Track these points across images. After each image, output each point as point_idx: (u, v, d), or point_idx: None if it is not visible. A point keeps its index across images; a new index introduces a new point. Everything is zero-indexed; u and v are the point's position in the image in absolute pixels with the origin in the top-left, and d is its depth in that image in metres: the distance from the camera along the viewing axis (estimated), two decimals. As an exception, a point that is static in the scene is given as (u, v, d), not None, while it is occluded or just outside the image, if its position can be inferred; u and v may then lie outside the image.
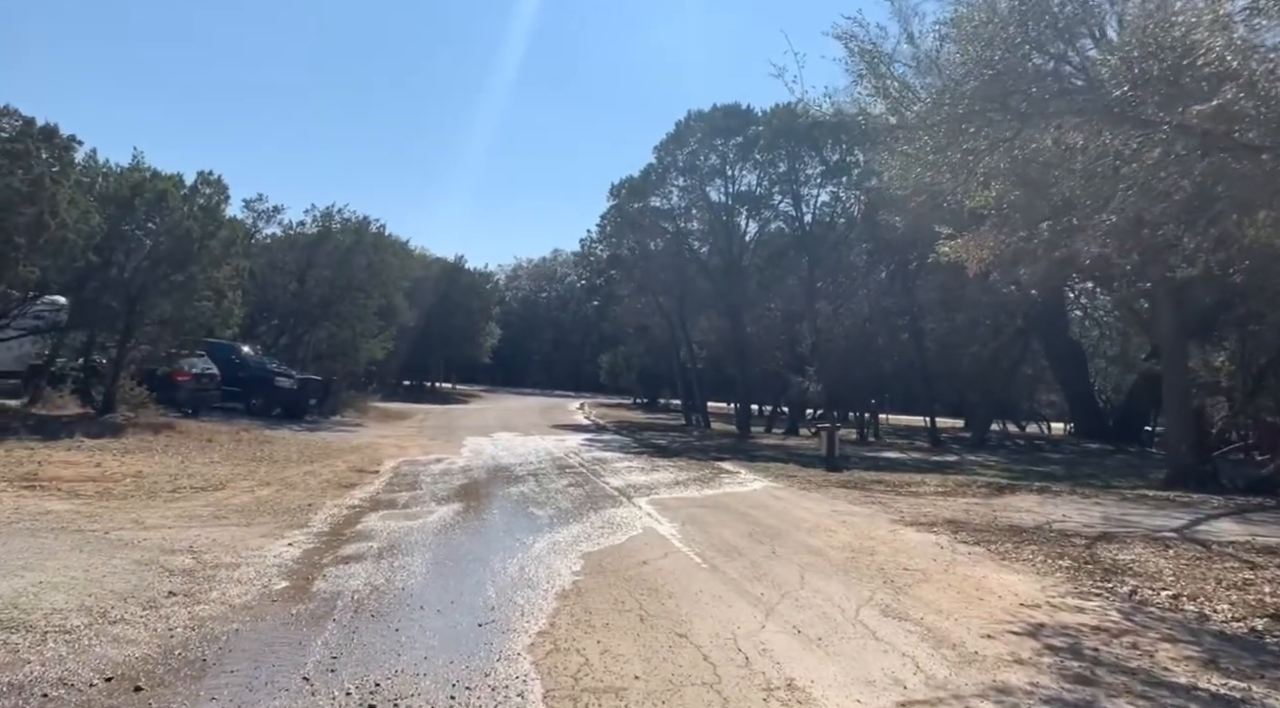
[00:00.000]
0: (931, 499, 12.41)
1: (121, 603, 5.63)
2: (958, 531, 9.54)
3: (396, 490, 11.96)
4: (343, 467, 14.61)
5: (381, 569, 6.91)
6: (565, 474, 14.62)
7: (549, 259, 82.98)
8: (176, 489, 11.00)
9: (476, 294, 53.46)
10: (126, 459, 12.93)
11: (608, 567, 7.25)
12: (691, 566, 7.38)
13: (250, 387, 24.38)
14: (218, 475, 12.33)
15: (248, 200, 28.84)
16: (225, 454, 14.73)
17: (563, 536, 8.67)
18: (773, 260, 28.74)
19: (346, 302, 29.91)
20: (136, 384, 18.72)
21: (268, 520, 9.14)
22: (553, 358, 79.08)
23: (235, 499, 10.48)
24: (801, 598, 6.34)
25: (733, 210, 28.61)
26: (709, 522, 9.74)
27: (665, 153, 28.58)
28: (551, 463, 16.51)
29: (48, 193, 13.74)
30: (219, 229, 18.93)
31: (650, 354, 43.43)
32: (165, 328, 18.48)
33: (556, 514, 10.11)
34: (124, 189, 17.71)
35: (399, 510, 10.18)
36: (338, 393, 28.24)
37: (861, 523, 10.03)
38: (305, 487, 11.92)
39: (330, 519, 9.39)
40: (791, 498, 12.18)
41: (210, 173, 19.38)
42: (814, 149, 26.76)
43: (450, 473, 14.31)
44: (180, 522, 8.81)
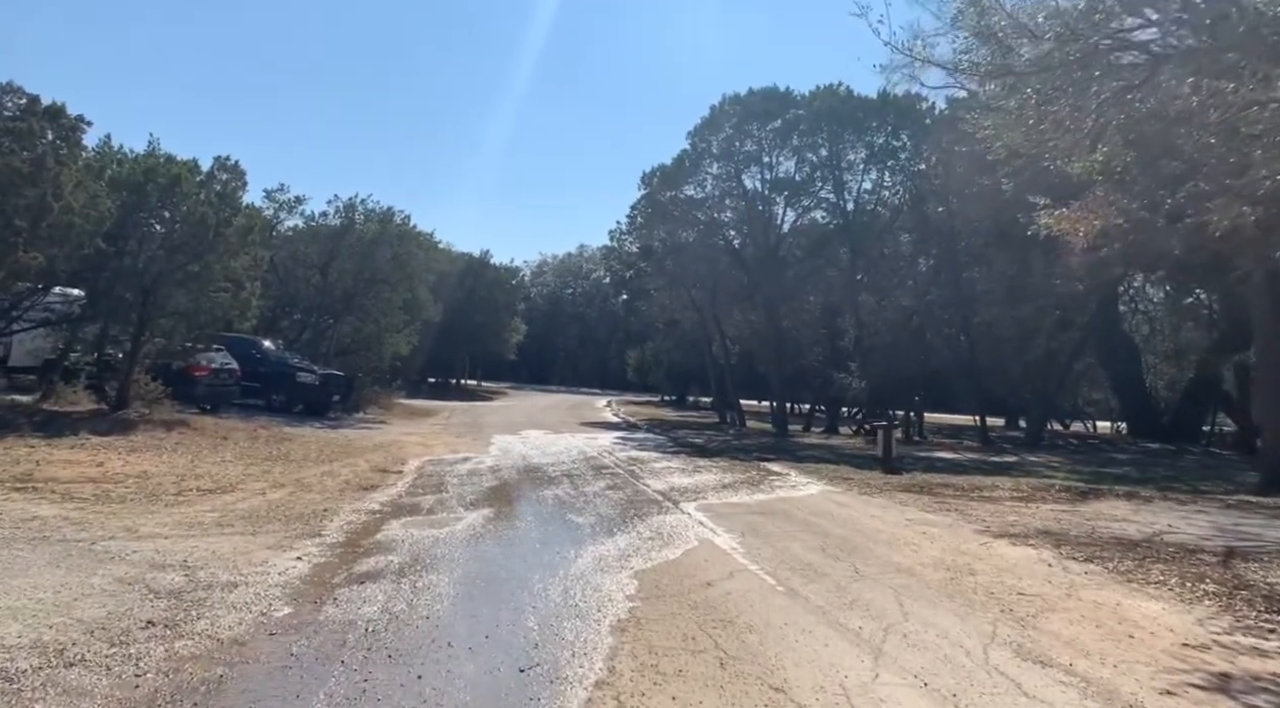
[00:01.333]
0: (1011, 506, 11.19)
1: (87, 637, 4.61)
2: (1059, 544, 8.34)
3: (420, 493, 10.95)
4: (364, 466, 13.64)
5: (402, 592, 5.86)
6: (601, 476, 13.54)
7: (574, 255, 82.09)
8: (181, 492, 10.06)
9: (502, 289, 52.55)
10: (132, 458, 12.02)
11: (667, 589, 6.15)
12: (765, 589, 6.26)
13: (271, 382, 23.58)
14: (228, 476, 11.39)
15: (268, 191, 28.07)
16: (239, 453, 13.80)
17: (609, 549, 7.58)
18: (812, 251, 27.47)
19: (370, 295, 29.06)
20: (151, 379, 17.89)
21: (277, 529, 8.14)
22: (578, 355, 78.16)
23: (244, 503, 9.51)
24: (910, 633, 5.20)
25: (769, 198, 27.37)
26: (771, 533, 8.61)
27: (699, 139, 27.39)
28: (585, 463, 15.45)
29: (51, 174, 12.86)
30: (235, 216, 18.03)
31: (679, 350, 42.26)
32: (180, 320, 17.61)
33: (598, 522, 9.03)
34: (136, 174, 16.85)
35: (423, 517, 9.15)
36: (361, 389, 27.36)
37: (944, 535, 8.85)
38: (322, 489, 10.95)
39: (347, 527, 8.38)
40: (855, 504, 11.01)
41: (227, 158, 18.52)
42: (858, 132, 25.47)
43: (478, 474, 13.29)
44: (179, 530, 7.83)
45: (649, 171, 28.93)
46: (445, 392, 46.64)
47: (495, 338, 52.75)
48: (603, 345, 76.94)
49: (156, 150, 18.70)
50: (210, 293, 17.68)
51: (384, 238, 28.93)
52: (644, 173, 29.14)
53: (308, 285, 29.07)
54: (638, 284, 35.62)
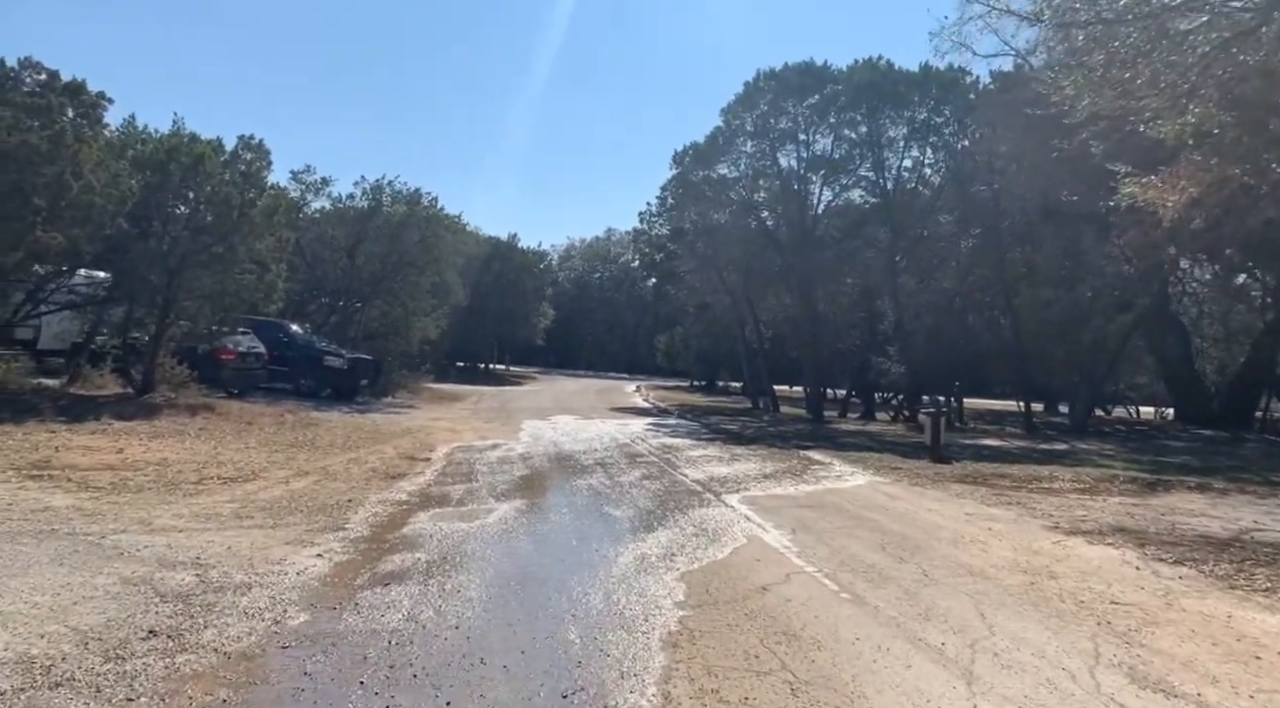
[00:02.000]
0: (1076, 498, 10.47)
1: (80, 650, 4.14)
2: (1141, 543, 7.64)
3: (450, 482, 10.47)
4: (391, 453, 13.21)
5: (430, 595, 5.34)
6: (636, 464, 12.99)
7: (602, 239, 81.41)
8: (202, 480, 9.65)
9: (529, 273, 52.11)
10: (153, 444, 11.67)
11: (719, 595, 5.58)
12: (827, 595, 5.66)
13: (299, 366, 23.29)
14: (251, 464, 10.98)
15: (295, 172, 27.78)
16: (264, 439, 13.43)
17: (650, 546, 7.02)
18: (849, 231, 26.56)
19: (398, 278, 28.67)
20: (177, 363, 17.62)
21: (298, 521, 7.68)
22: (606, 339, 77.65)
23: (265, 493, 9.07)
24: (1001, 651, 4.59)
25: (805, 177, 26.49)
26: (824, 529, 8.00)
27: (732, 116, 26.53)
28: (618, 451, 14.91)
29: (70, 151, 12.49)
30: (260, 196, 17.64)
31: (710, 335, 41.53)
32: (205, 303, 17.28)
33: (637, 516, 8.47)
34: (159, 153, 16.49)
35: (452, 508, 8.65)
36: (389, 373, 27.04)
37: (1011, 531, 8.18)
38: (347, 477, 10.51)
39: (372, 519, 7.90)
40: (908, 497, 10.35)
41: (251, 137, 18.12)
42: (899, 107, 24.50)
43: (509, 462, 12.80)
44: (195, 523, 7.39)
45: (680, 150, 28.22)
46: (473, 376, 46.39)
47: (523, 322, 52.39)
48: (630, 330, 76.39)
49: (181, 130, 18.38)
50: (235, 275, 17.35)
51: (411, 220, 28.49)
52: (675, 152, 28.43)
53: (335, 269, 28.75)
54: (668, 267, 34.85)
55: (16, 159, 11.87)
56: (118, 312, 17.88)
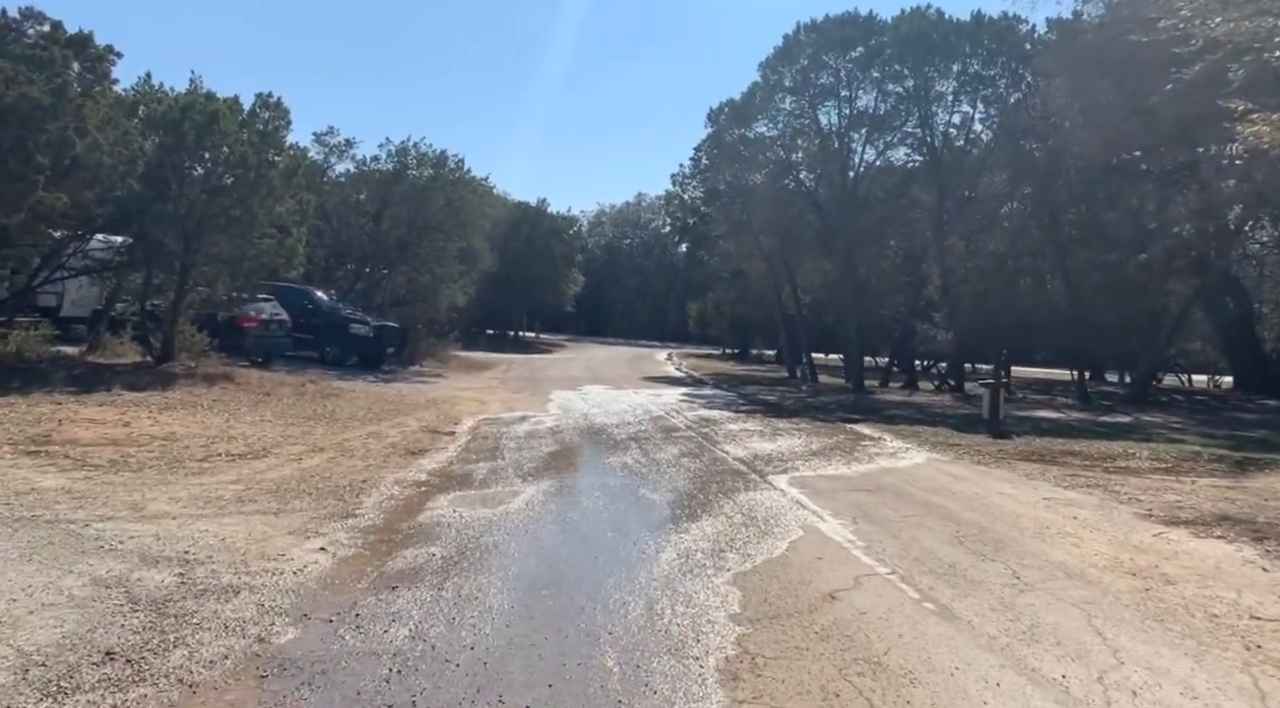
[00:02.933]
0: (1160, 480, 9.49)
1: (15, 681, 3.42)
2: (1259, 536, 6.67)
3: (473, 460, 9.74)
4: (414, 426, 12.54)
5: (442, 604, 4.58)
6: (673, 440, 12.18)
7: (632, 204, 80.00)
8: (208, 457, 9.00)
9: (559, 239, 51.16)
10: (163, 417, 11.06)
11: (781, 605, 4.75)
12: (908, 605, 4.81)
13: (323, 334, 22.74)
14: (264, 438, 10.34)
15: (318, 133, 26.98)
16: (281, 411, 12.81)
17: (695, 538, 6.21)
18: (894, 192, 25.26)
19: (424, 244, 27.95)
20: (197, 331, 17.06)
21: (305, 506, 6.98)
22: (636, 306, 76.64)
23: (274, 472, 8.40)
24: (1140, 688, 3.72)
25: (847, 135, 25.20)
26: (888, 517, 7.14)
27: (771, 71, 25.19)
28: (653, 424, 14.11)
29: (73, 106, 11.78)
30: (279, 157, 16.90)
31: (744, 301, 40.43)
32: (224, 268, 16.65)
33: (676, 501, 7.66)
34: (173, 112, 15.75)
35: (475, 491, 7.91)
36: (416, 341, 26.44)
37: (1101, 521, 7.26)
38: (365, 453, 9.82)
39: (386, 504, 7.18)
40: (973, 477, 9.44)
41: (269, 95, 17.32)
42: (949, 59, 23.03)
43: (537, 436, 12.06)
44: (192, 507, 6.71)
45: (716, 108, 26.98)
46: (502, 344, 45.84)
47: (553, 289, 51.58)
48: (661, 297, 75.34)
49: (198, 89, 17.63)
50: (254, 239, 16.68)
51: (438, 183, 27.67)
52: (711, 109, 27.18)
53: (361, 234, 28.08)
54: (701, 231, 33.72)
55: (17, 114, 11.19)
56: (136, 278, 17.33)
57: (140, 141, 14.33)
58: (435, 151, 27.48)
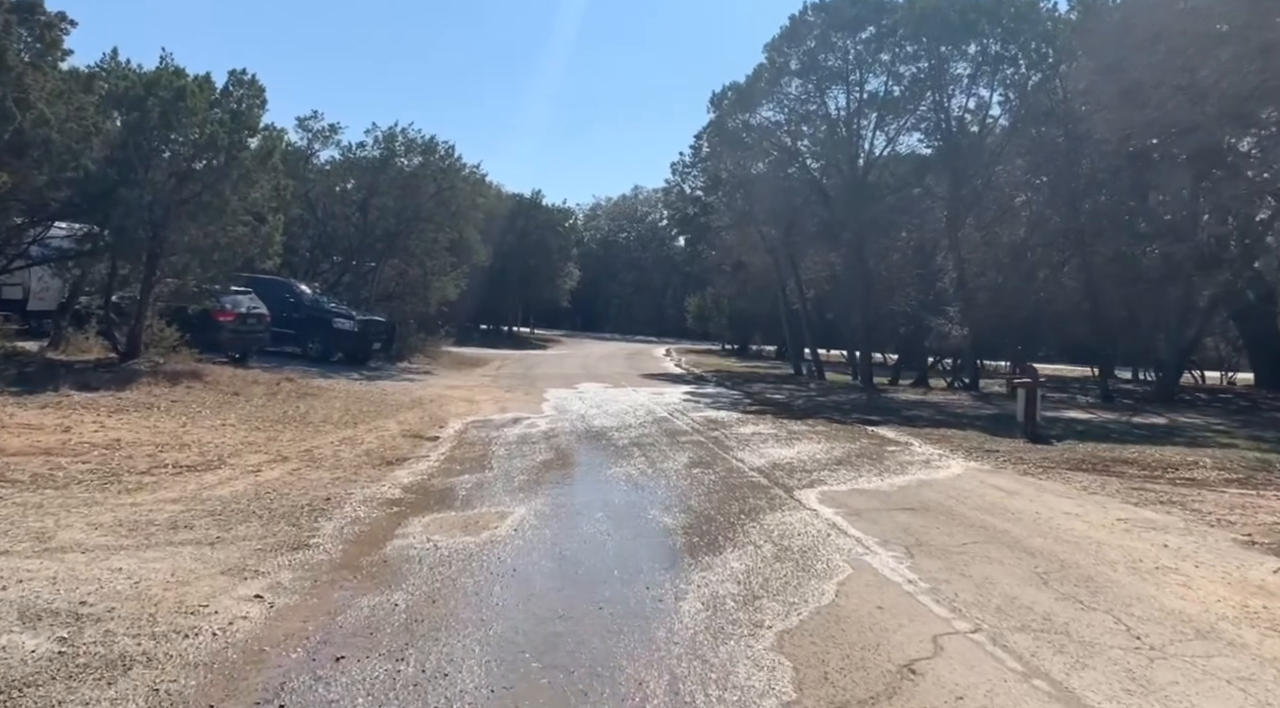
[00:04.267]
0: (1239, 495, 8.36)
1: None
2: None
3: (457, 471, 8.60)
4: (394, 430, 11.39)
5: (399, 688, 3.43)
6: (680, 445, 11.04)
7: (629, 196, 78.77)
8: (152, 469, 7.85)
9: (554, 232, 49.89)
10: (111, 421, 9.89)
11: (847, 685, 3.61)
12: (1012, 681, 3.67)
13: (306, 329, 21.59)
14: (222, 445, 9.18)
15: (301, 118, 25.68)
16: (248, 413, 11.64)
17: (720, 578, 5.07)
18: (906, 180, 24.13)
19: (414, 235, 26.71)
20: (166, 325, 15.90)
21: (251, 532, 5.83)
22: (632, 301, 75.45)
23: (225, 488, 7.24)
24: None
25: (854, 121, 24.00)
26: (946, 546, 6.00)
27: (776, 53, 23.97)
28: (656, 427, 12.97)
29: (13, 74, 10.56)
30: (253, 137, 15.73)
31: (745, 296, 39.28)
32: (194, 257, 15.46)
33: (693, 524, 6.51)
34: (137, 88, 14.55)
35: (455, 512, 6.76)
36: (405, 336, 25.26)
37: (1196, 549, 6.13)
38: (334, 464, 8.67)
39: (348, 530, 6.04)
40: (1026, 492, 8.31)
41: (243, 72, 16.12)
42: (967, 38, 21.82)
43: (529, 441, 10.92)
44: (112, 536, 5.56)
45: (719, 92, 25.75)
46: (496, 339, 44.68)
47: (548, 283, 50.34)
48: (658, 292, 74.18)
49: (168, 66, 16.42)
50: (227, 226, 15.52)
51: (427, 171, 26.43)
52: (713, 93, 25.96)
53: (347, 224, 26.84)
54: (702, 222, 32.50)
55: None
56: (101, 269, 16.15)
57: (97, 118, 13.14)
58: (424, 137, 26.26)
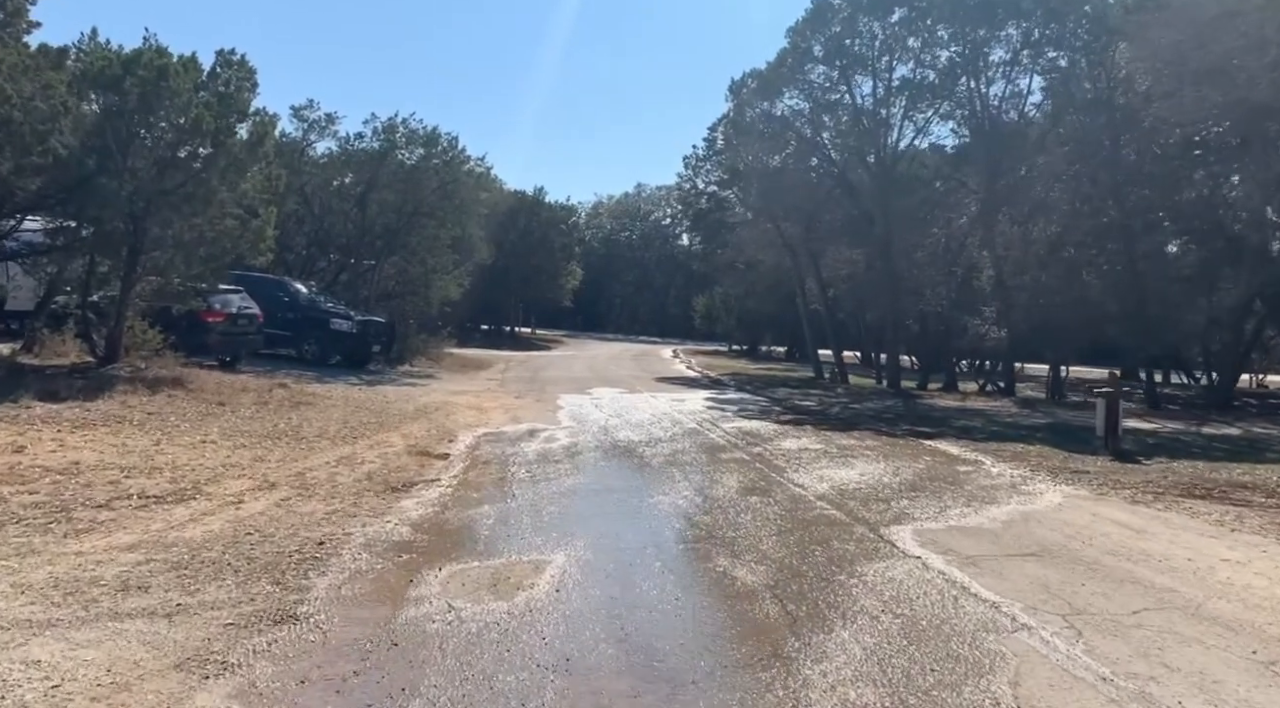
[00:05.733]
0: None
1: None
2: None
3: (475, 500, 7.30)
4: (399, 446, 10.09)
5: None
6: (722, 465, 9.74)
7: (632, 195, 77.37)
8: (114, 500, 6.55)
9: (558, 230, 48.57)
10: (72, 438, 8.58)
11: None
12: None
13: (302, 330, 20.34)
14: (199, 468, 7.87)
15: (295, 107, 24.38)
16: (233, 426, 10.32)
17: (847, 678, 3.77)
18: (938, 172, 22.87)
19: (415, 231, 25.41)
20: (149, 326, 14.61)
21: (223, 596, 4.54)
22: (636, 301, 74.15)
23: (196, 527, 5.94)
24: None
25: (879, 112, 22.71)
26: (1115, 616, 4.71)
27: (800, 38, 22.71)
28: (689, 440, 11.68)
29: (-38, 42, 9.25)
30: (243, 122, 14.45)
31: (756, 295, 37.98)
32: (177, 253, 14.17)
33: (778, 583, 5.20)
34: (114, 67, 13.24)
35: (479, 562, 5.47)
36: (406, 338, 23.98)
37: None
38: (330, 491, 7.37)
39: (346, 590, 4.74)
40: (1152, 528, 7.00)
41: (231, 52, 14.84)
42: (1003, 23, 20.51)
43: (551, 460, 9.62)
44: (40, 605, 4.27)
45: (738, 79, 24.46)
46: (498, 340, 43.41)
47: (550, 283, 48.98)
48: (661, 291, 72.91)
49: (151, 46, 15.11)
50: (214, 219, 14.24)
51: (429, 165, 25.11)
52: (732, 81, 24.65)
53: (345, 220, 25.52)
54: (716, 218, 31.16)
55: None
56: (77, 265, 14.86)
57: (67, 98, 11.83)
58: (426, 128, 24.91)
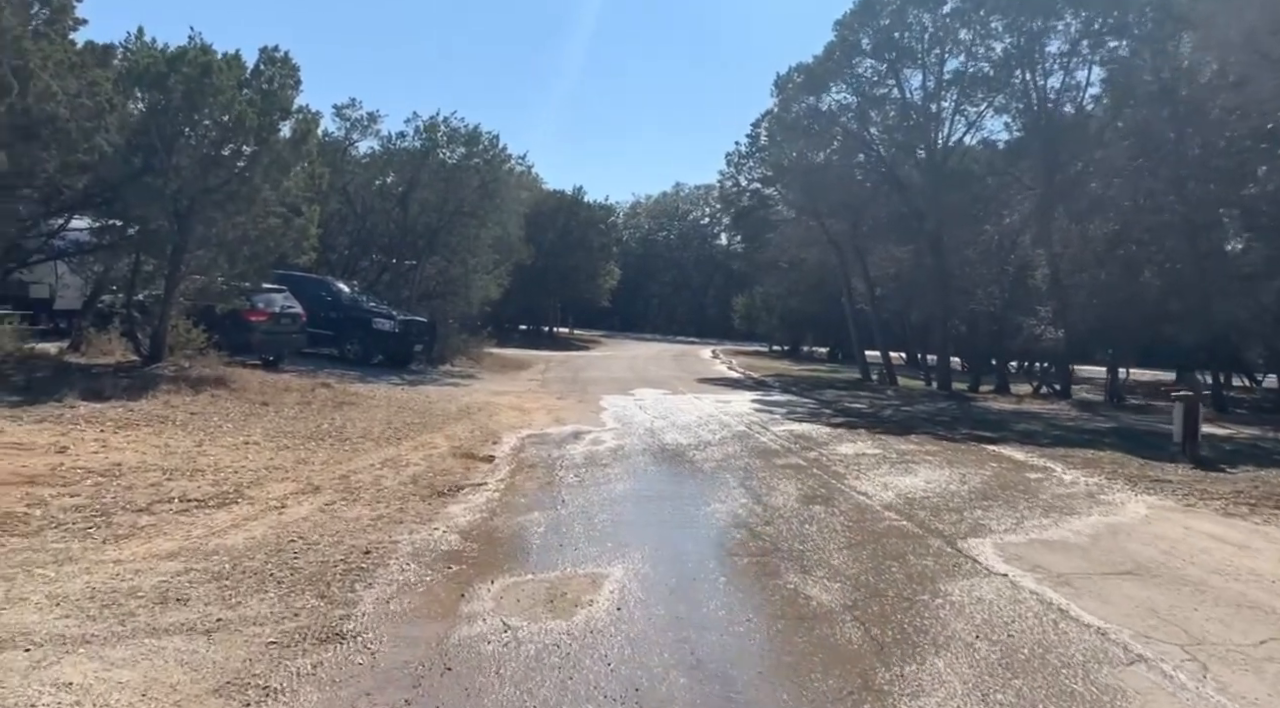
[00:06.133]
0: None
1: None
2: None
3: (523, 506, 6.99)
4: (443, 448, 9.83)
5: None
6: (777, 470, 9.33)
7: (670, 194, 76.86)
8: (154, 504, 6.33)
9: (596, 230, 48.29)
10: (117, 439, 8.43)
11: None
12: None
13: (344, 329, 20.29)
14: (242, 470, 7.65)
15: (338, 106, 24.36)
16: (277, 427, 10.15)
17: (950, 711, 3.37)
18: (992, 167, 22.16)
19: (456, 230, 25.28)
20: (192, 325, 14.59)
21: (265, 611, 4.25)
22: (673, 301, 73.68)
23: (238, 532, 5.69)
24: None
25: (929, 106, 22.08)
26: (1241, 647, 4.23)
27: (848, 30, 22.14)
28: (739, 444, 11.27)
29: (8, 37, 9.17)
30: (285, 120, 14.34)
31: (797, 294, 37.37)
32: (220, 252, 14.11)
33: (856, 603, 4.79)
34: (158, 64, 13.19)
35: (532, 576, 5.13)
36: (447, 337, 23.87)
37: None
38: (375, 495, 7.10)
39: (395, 606, 4.43)
40: (1259, 545, 6.43)
41: (275, 49, 14.73)
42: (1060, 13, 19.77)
43: (599, 463, 9.29)
44: (74, 619, 4.02)
45: (784, 73, 23.91)
46: (537, 340, 43.27)
47: (589, 282, 48.71)
48: (699, 291, 72.39)
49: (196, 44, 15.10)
50: (257, 218, 14.17)
51: (470, 163, 24.97)
52: (778, 75, 24.11)
53: (387, 220, 25.48)
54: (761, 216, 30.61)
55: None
56: (122, 264, 14.89)
57: (111, 94, 11.76)
58: (467, 127, 24.76)
